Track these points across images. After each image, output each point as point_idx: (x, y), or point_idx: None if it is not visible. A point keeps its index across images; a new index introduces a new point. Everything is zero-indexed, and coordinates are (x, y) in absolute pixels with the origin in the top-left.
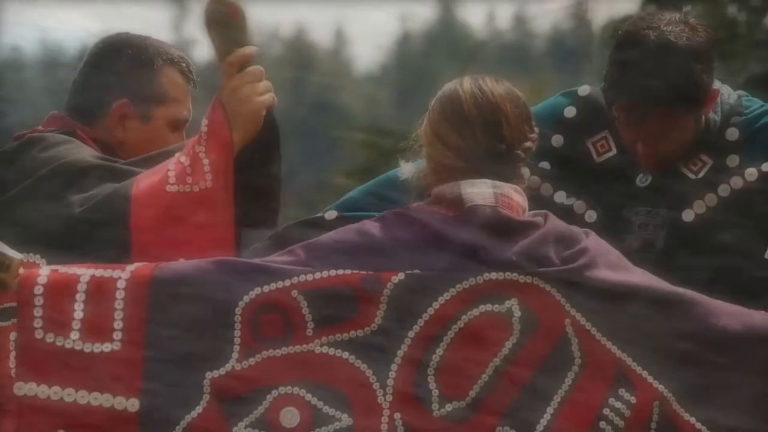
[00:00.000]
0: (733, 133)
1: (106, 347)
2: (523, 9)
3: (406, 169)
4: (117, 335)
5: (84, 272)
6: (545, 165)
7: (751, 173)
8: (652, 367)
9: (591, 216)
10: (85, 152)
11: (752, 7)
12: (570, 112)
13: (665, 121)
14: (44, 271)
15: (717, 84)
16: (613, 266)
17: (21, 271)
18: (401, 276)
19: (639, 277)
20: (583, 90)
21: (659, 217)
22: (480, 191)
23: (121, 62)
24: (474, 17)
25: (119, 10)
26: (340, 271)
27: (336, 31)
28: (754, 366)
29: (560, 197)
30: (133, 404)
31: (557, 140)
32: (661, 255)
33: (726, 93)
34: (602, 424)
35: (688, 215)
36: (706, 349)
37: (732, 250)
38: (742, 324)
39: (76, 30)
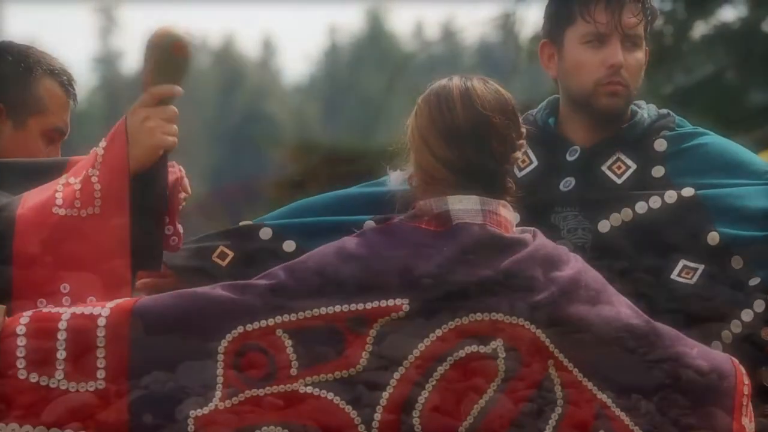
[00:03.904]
0: (661, 144)
1: (91, 386)
2: (451, 21)
3: (395, 179)
4: (101, 374)
5: (65, 311)
6: None
7: (671, 195)
8: (629, 408)
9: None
10: None
11: (678, 19)
12: None
13: (636, 26)
14: (27, 312)
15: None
16: (594, 300)
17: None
18: (388, 318)
19: (621, 309)
20: None
21: (586, 221)
22: (468, 208)
23: None
24: (402, 29)
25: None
26: (324, 310)
27: (264, 42)
28: (713, 403)
29: None
30: None
31: None
32: (589, 260)
33: (655, 108)
34: None
35: (603, 226)
36: (677, 389)
37: (640, 267)
38: (710, 363)
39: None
